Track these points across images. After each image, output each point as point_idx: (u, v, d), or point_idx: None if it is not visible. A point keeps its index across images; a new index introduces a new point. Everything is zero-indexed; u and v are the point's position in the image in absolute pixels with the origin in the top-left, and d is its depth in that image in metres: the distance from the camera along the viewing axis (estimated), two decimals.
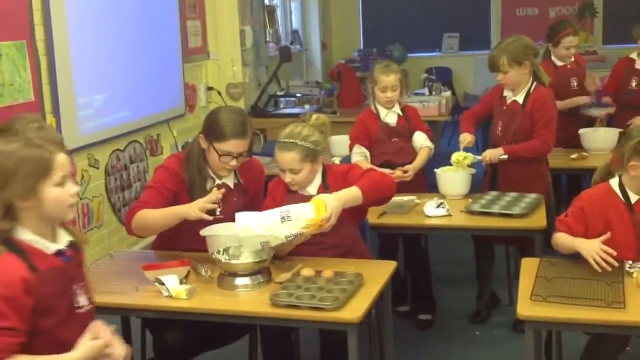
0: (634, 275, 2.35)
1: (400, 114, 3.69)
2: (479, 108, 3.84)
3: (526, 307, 2.21)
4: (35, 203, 1.77)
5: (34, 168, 1.75)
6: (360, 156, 3.66)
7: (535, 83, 3.52)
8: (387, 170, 3.44)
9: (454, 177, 3.47)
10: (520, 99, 3.52)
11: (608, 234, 2.42)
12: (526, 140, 3.49)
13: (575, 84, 4.56)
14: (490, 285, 3.69)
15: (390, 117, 3.69)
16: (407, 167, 3.55)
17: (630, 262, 2.43)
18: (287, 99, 6.23)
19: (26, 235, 1.79)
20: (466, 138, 3.62)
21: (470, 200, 3.36)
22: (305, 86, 6.77)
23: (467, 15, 8.89)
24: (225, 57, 5.72)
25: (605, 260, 2.35)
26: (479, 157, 3.52)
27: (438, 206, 3.23)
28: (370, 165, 3.51)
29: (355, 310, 2.22)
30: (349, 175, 2.69)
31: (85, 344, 1.83)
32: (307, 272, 2.48)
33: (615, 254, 2.36)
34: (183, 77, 5.25)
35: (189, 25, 5.39)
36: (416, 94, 6.12)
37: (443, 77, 8.14)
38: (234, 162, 2.67)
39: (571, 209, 2.57)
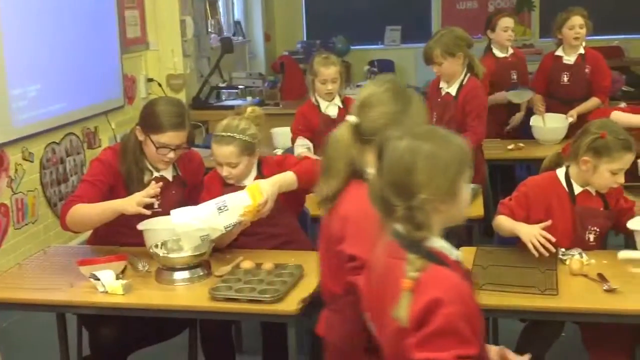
0: (567, 262, 2.42)
1: (341, 106, 3.70)
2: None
3: None
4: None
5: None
6: (304, 148, 3.66)
7: (468, 75, 3.58)
8: None
9: None
10: (453, 90, 3.58)
11: (549, 222, 2.47)
12: (458, 132, 3.54)
13: (515, 76, 4.63)
14: None
15: (330, 109, 3.69)
16: None
17: (563, 249, 2.49)
18: (230, 90, 6.17)
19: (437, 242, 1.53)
20: None
21: None
22: (248, 78, 6.71)
23: (408, 8, 8.97)
24: (166, 48, 5.62)
25: (543, 246, 2.40)
26: None
27: None
28: (314, 157, 3.51)
29: (295, 302, 2.21)
30: (284, 164, 2.68)
31: None
32: (247, 264, 2.47)
33: (553, 240, 2.42)
34: (122, 68, 5.13)
35: (128, 15, 5.28)
36: (359, 86, 6.14)
37: (385, 69, 8.20)
38: (171, 155, 2.63)
39: (515, 194, 2.61)
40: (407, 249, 1.48)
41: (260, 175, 2.70)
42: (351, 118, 1.88)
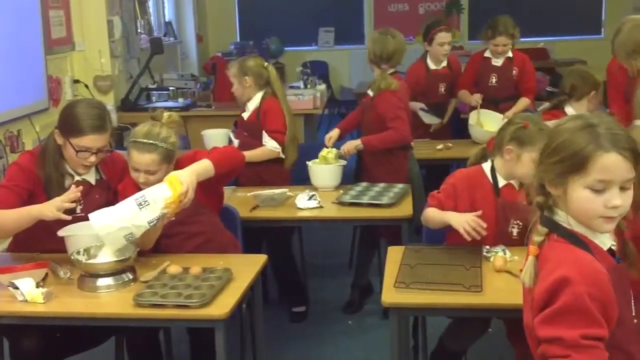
0: (491, 259, 2.47)
1: (253, 110, 3.67)
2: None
3: (390, 295, 2.26)
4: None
5: None
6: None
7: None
8: None
9: (325, 170, 3.51)
10: (372, 92, 3.65)
11: (480, 212, 2.51)
12: (379, 132, 3.60)
13: (442, 89, 4.68)
14: (368, 274, 3.77)
15: (245, 113, 3.71)
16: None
17: (487, 247, 2.54)
18: (160, 92, 6.06)
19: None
20: (331, 135, 3.70)
21: (341, 191, 3.40)
22: (179, 79, 6.61)
23: (341, 10, 9.04)
24: (93, 49, 5.46)
25: (475, 230, 2.44)
26: (339, 150, 3.58)
27: (310, 198, 3.25)
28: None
29: (222, 306, 2.19)
30: (196, 157, 2.64)
31: None
32: (174, 269, 2.42)
33: (485, 225, 2.46)
34: (46, 69, 4.96)
35: (52, 15, 5.11)
36: (291, 87, 6.13)
37: (319, 70, 8.23)
38: (92, 158, 2.55)
39: (443, 186, 2.65)
40: (540, 218, 1.62)
41: None
42: None
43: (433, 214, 2.59)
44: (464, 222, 2.46)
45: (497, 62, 4.59)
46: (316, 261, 4.19)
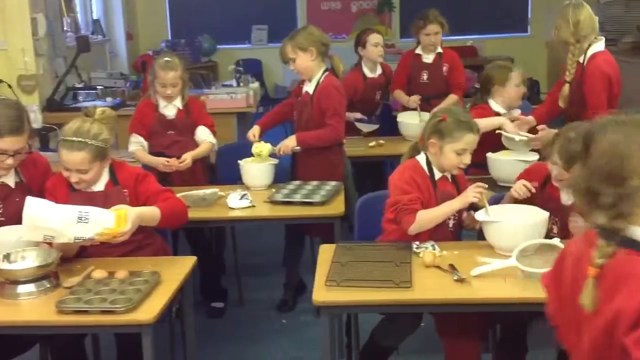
0: (421, 255, 2.49)
1: (181, 107, 3.64)
2: (286, 101, 3.91)
3: (321, 293, 2.25)
4: None
5: None
6: (137, 145, 3.64)
7: (326, 73, 3.61)
8: (162, 159, 3.49)
9: (256, 168, 3.48)
10: (310, 89, 3.61)
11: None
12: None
13: (378, 96, 4.72)
14: (298, 272, 3.76)
15: (168, 109, 3.65)
16: (185, 155, 3.56)
17: (417, 243, 2.57)
18: (88, 91, 5.89)
19: None
20: (254, 133, 3.67)
21: (273, 190, 3.38)
22: (108, 78, 6.46)
23: (275, 8, 8.99)
24: (15, 47, 5.26)
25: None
26: (275, 148, 3.54)
27: (241, 198, 3.22)
28: (150, 158, 3.56)
29: (149, 310, 2.14)
30: (142, 183, 2.62)
31: None
32: (99, 274, 2.36)
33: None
34: None
35: None
36: (224, 85, 6.06)
37: (253, 68, 8.16)
38: (10, 161, 2.46)
39: (403, 185, 2.60)
40: (601, 236, 1.44)
41: (114, 180, 2.60)
42: None
43: (428, 214, 2.55)
44: (470, 192, 2.54)
45: (428, 58, 4.65)
46: (250, 261, 4.16)
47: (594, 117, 1.61)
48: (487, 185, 2.61)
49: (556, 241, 2.32)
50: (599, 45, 3.49)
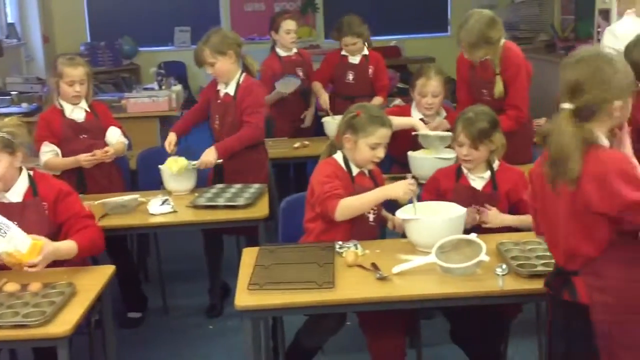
0: (344, 255, 2.50)
1: (88, 109, 3.56)
2: (197, 105, 3.84)
3: (244, 297, 2.23)
4: None
5: None
6: (51, 154, 3.50)
7: (244, 74, 3.60)
8: (83, 156, 3.43)
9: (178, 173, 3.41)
10: (231, 91, 3.58)
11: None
12: None
13: (301, 73, 4.74)
14: (221, 277, 3.71)
15: (76, 113, 3.55)
16: (108, 147, 3.50)
17: (340, 242, 2.58)
18: (2, 97, 5.68)
19: None
20: (170, 141, 3.60)
21: (196, 194, 3.33)
22: (24, 83, 6.24)
23: (197, 9, 8.88)
24: None
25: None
26: (194, 164, 3.42)
27: (163, 203, 3.16)
28: (68, 160, 3.46)
29: (64, 323, 2.07)
30: (63, 202, 2.59)
31: None
32: (11, 287, 2.27)
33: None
34: None
35: None
36: (146, 89, 5.94)
37: (176, 71, 8.05)
38: None
39: (327, 180, 2.61)
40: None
41: (34, 191, 2.55)
42: (565, 105, 1.87)
43: (353, 200, 2.57)
44: (402, 187, 2.55)
45: (354, 60, 4.69)
46: (175, 267, 4.09)
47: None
48: (417, 184, 2.62)
49: (473, 236, 2.37)
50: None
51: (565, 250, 1.93)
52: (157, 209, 3.13)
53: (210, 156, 3.45)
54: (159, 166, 3.43)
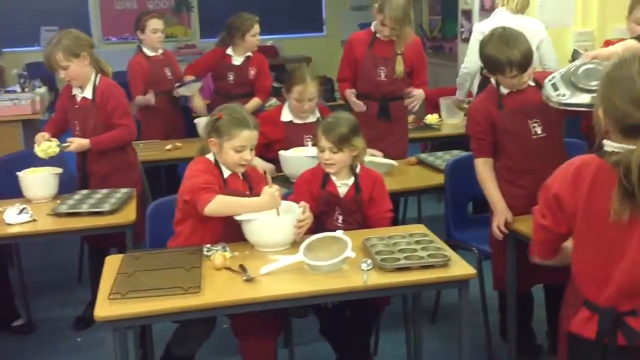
0: (212, 258, 2.45)
1: None
2: (55, 116, 3.65)
3: (104, 308, 2.13)
4: None
5: None
6: None
7: (99, 75, 3.46)
8: None
9: (37, 179, 3.24)
10: (89, 94, 3.44)
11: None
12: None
13: (169, 73, 4.69)
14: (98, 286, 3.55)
15: None
16: None
17: (208, 246, 2.53)
18: None
19: None
20: (39, 139, 3.40)
21: (58, 201, 3.17)
22: None
23: (65, 8, 8.50)
24: None
25: None
26: (65, 145, 3.34)
27: (20, 212, 2.98)
28: None
29: None
30: None
31: None
32: None
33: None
34: None
35: None
36: (7, 91, 5.60)
37: (43, 72, 7.63)
38: None
39: (198, 174, 2.55)
40: None
41: None
42: None
43: (229, 200, 2.51)
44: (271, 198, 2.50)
45: (237, 61, 4.66)
46: (40, 278, 3.88)
47: None
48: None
49: (339, 233, 2.39)
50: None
51: (622, 286, 1.70)
52: (14, 218, 2.94)
53: (83, 143, 3.37)
54: (17, 173, 3.24)
